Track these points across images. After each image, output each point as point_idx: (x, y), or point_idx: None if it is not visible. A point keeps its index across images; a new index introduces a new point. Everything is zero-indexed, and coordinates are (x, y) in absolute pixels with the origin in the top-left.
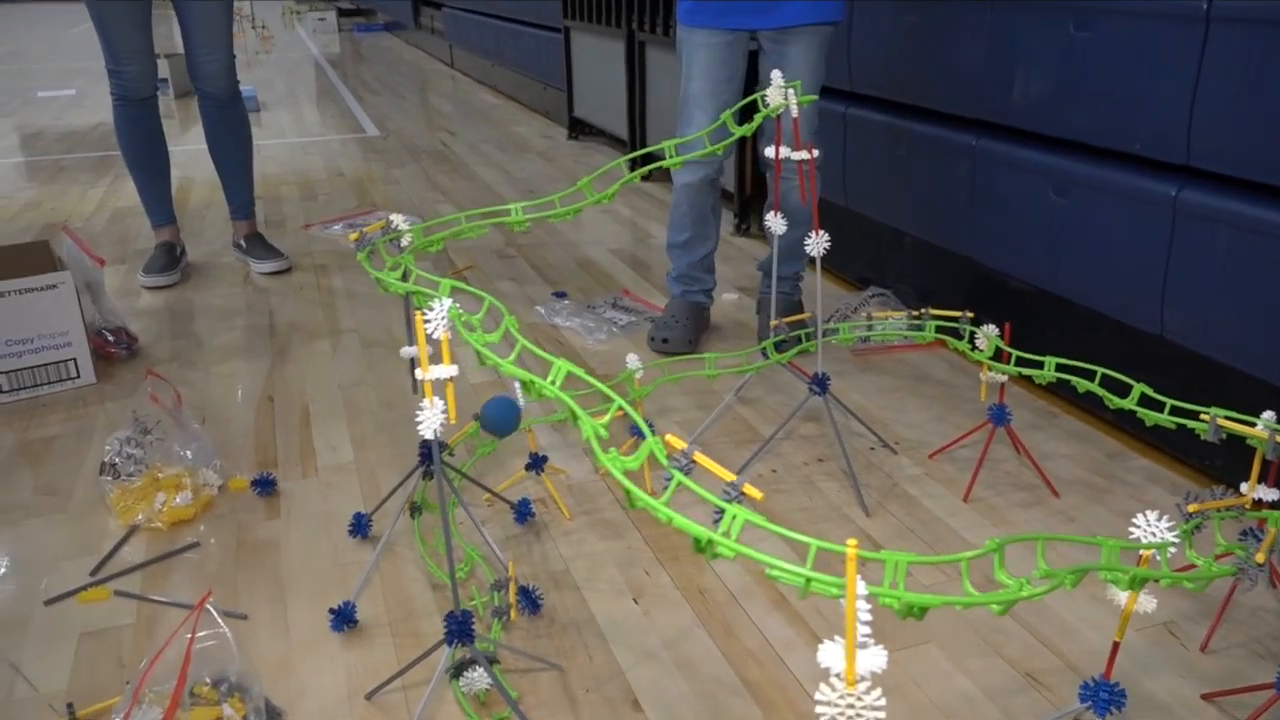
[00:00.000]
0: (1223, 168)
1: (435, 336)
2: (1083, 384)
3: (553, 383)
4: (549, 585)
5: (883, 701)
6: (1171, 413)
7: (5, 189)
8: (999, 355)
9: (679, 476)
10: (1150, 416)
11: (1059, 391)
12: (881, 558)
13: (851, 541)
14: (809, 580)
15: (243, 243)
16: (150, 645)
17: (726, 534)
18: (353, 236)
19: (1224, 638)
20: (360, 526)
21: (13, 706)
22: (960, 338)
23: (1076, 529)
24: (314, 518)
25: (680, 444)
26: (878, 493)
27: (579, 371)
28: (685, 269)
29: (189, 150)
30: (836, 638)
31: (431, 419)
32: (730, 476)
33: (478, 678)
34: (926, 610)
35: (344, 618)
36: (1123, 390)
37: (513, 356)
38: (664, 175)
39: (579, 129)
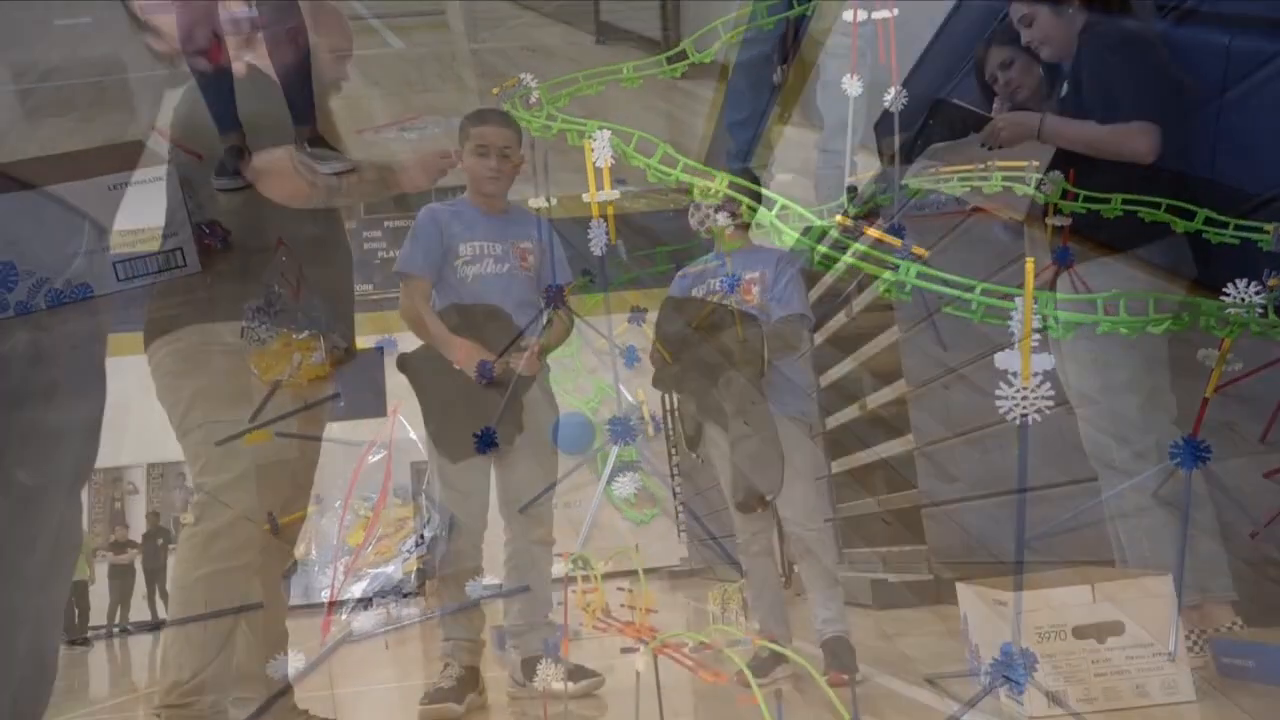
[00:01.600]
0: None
1: (600, 164)
2: (1149, 214)
3: (717, 192)
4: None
5: (1052, 392)
6: (1234, 230)
7: (56, 110)
8: (1064, 198)
9: (854, 244)
10: (1216, 234)
11: (1112, 245)
12: (1034, 294)
13: (1030, 258)
14: (980, 304)
15: (305, 145)
16: (318, 475)
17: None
18: (494, 91)
19: None
20: (485, 372)
21: None
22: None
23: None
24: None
25: (846, 221)
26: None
27: (741, 180)
28: (746, 145)
29: None
30: (1013, 347)
31: (599, 235)
32: (897, 243)
33: (628, 481)
34: (1078, 327)
35: (486, 441)
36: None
37: (678, 169)
38: (702, 73)
39: (607, 33)
